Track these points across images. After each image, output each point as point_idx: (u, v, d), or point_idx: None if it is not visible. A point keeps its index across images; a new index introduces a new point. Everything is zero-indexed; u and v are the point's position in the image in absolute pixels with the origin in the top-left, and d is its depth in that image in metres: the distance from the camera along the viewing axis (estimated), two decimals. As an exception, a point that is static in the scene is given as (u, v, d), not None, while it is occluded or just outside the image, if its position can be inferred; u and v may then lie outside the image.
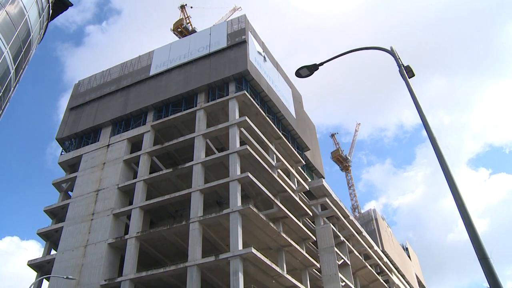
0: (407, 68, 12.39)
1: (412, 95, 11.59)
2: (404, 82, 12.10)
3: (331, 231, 54.67)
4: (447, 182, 9.56)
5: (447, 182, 9.58)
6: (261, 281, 39.83)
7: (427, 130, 10.71)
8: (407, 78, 12.10)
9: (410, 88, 11.76)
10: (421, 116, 11.08)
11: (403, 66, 12.39)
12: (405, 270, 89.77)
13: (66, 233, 46.63)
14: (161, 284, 40.75)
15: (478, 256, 8.38)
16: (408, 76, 12.21)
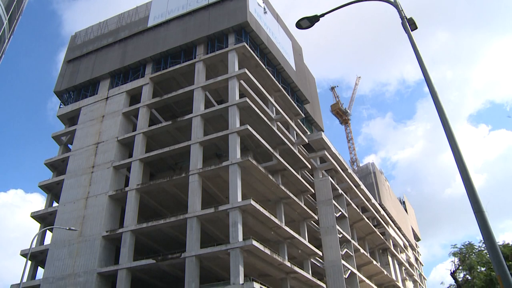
0: (410, 20, 12.14)
1: (415, 49, 11.42)
2: (407, 35, 11.89)
3: (329, 184, 55.21)
4: (447, 137, 9.57)
5: (446, 137, 9.59)
6: (260, 233, 40.46)
7: (428, 85, 10.64)
8: (410, 31, 11.88)
9: (413, 41, 11.58)
10: (422, 70, 10.96)
11: (406, 19, 12.14)
12: (401, 223, 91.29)
13: (67, 186, 47.07)
14: (161, 235, 41.44)
15: (474, 209, 8.49)
16: (411, 29, 11.98)
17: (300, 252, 45.71)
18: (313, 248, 46.24)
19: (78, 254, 41.73)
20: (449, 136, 9.52)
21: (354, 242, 57.96)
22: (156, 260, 37.87)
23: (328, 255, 51.26)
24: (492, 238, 8.00)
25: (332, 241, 51.94)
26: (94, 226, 42.48)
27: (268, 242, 40.68)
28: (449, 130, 9.61)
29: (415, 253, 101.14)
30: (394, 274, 72.79)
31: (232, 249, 35.15)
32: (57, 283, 41.27)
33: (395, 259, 76.84)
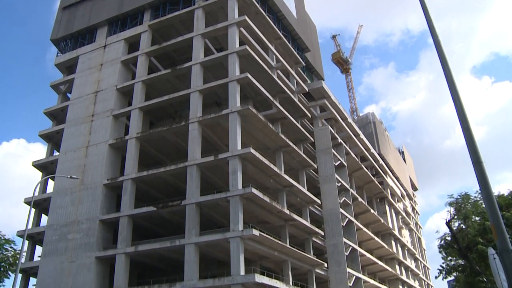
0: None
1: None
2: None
3: (329, 133, 55.33)
4: (449, 88, 9.47)
5: (449, 88, 9.49)
6: (259, 180, 40.87)
7: (432, 35, 10.43)
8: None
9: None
10: (427, 19, 10.70)
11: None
12: (399, 173, 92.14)
13: (67, 135, 47.16)
14: (162, 183, 41.90)
15: (473, 160, 8.50)
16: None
17: (299, 200, 46.41)
18: (312, 196, 46.89)
19: (80, 202, 42.36)
20: (451, 87, 9.45)
21: (352, 191, 58.72)
22: (157, 208, 38.47)
23: (327, 203, 52.06)
24: (488, 189, 8.07)
25: (330, 190, 52.61)
26: (95, 174, 42.88)
27: (268, 190, 41.19)
28: (451, 81, 9.53)
29: (412, 202, 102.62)
30: (391, 222, 74.15)
31: (231, 196, 35.64)
32: (61, 230, 42.13)
33: (392, 208, 78.08)
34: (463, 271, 28.95)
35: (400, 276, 70.47)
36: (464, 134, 8.84)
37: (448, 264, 30.20)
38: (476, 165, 8.36)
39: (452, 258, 30.10)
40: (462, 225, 28.59)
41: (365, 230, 59.00)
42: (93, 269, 38.90)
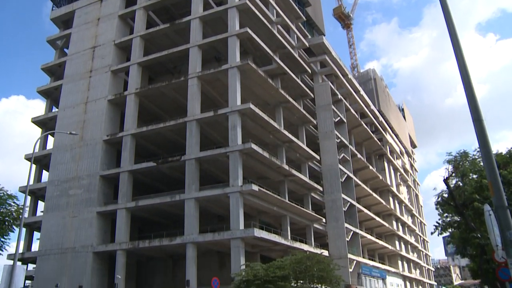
0: None
1: None
2: None
3: (329, 89, 55.01)
4: (452, 45, 9.32)
5: (452, 45, 9.33)
6: (259, 136, 40.93)
7: None
8: None
9: None
10: None
11: None
12: (399, 130, 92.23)
13: (65, 91, 46.86)
14: (161, 138, 41.95)
15: (473, 117, 8.44)
16: None
17: (298, 156, 46.63)
18: (311, 152, 47.09)
19: (81, 158, 42.58)
20: (454, 44, 9.31)
21: (352, 147, 58.94)
22: (157, 163, 38.71)
23: (326, 159, 52.36)
24: (487, 146, 8.08)
25: (329, 146, 52.81)
26: (94, 130, 42.90)
27: (267, 145, 41.32)
28: (455, 38, 9.37)
29: (410, 159, 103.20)
30: (389, 179, 74.84)
31: (231, 152, 35.81)
32: (62, 186, 42.56)
33: (391, 165, 78.60)
34: (459, 227, 29.32)
35: (397, 231, 71.73)
36: (466, 92, 8.77)
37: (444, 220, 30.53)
38: (476, 123, 8.34)
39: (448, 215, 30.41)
40: (460, 183, 28.75)
41: (363, 186, 59.60)
42: (94, 224, 39.56)
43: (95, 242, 39.01)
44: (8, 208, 19.54)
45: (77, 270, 38.58)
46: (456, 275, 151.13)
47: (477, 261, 28.21)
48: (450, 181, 27.91)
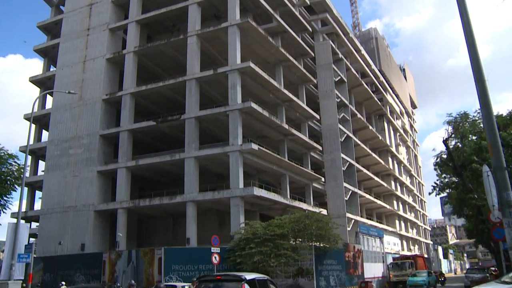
0: None
1: None
2: None
3: (329, 48, 54.35)
4: (457, 2, 9.04)
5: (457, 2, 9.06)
6: (259, 95, 40.72)
7: None
8: None
9: None
10: None
11: None
12: (399, 90, 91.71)
13: (63, 49, 46.29)
14: (161, 97, 41.75)
15: (475, 78, 8.33)
16: None
17: (298, 115, 46.55)
18: (311, 111, 46.98)
19: (80, 117, 42.51)
20: (459, 2, 9.07)
21: (352, 107, 58.74)
22: (156, 122, 38.70)
23: (325, 118, 52.30)
24: (488, 107, 8.03)
25: (329, 105, 52.64)
26: (93, 89, 42.64)
27: (267, 104, 41.15)
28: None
29: (410, 120, 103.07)
30: (389, 139, 74.96)
31: (231, 110, 35.76)
32: (62, 145, 42.67)
33: (391, 125, 78.57)
34: (456, 188, 29.69)
35: (395, 191, 72.45)
36: (469, 52, 8.64)
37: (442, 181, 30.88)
38: (479, 83, 8.27)
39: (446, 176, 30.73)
40: (459, 144, 28.90)
41: (362, 146, 59.76)
42: (95, 183, 39.90)
43: (96, 201, 39.45)
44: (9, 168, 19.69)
45: (79, 228, 39.20)
46: (452, 234, 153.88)
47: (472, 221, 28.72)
48: (449, 142, 28.04)
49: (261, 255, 25.98)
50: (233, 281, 11.49)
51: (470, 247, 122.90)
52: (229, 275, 12.78)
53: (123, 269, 28.42)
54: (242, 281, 11.18)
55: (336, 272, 31.12)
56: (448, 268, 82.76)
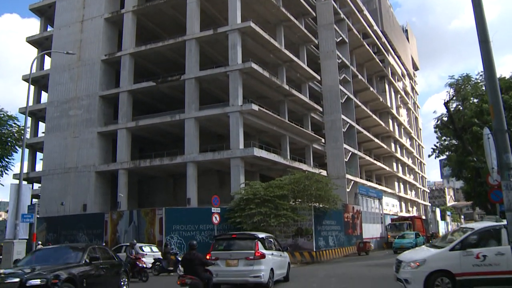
0: None
1: None
2: None
3: (331, 7, 53.44)
4: None
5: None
6: (259, 55, 40.32)
7: None
8: None
9: None
10: None
11: None
12: (401, 52, 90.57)
13: (60, 9, 45.45)
14: (160, 58, 41.29)
15: (480, 38, 8.17)
16: None
17: (298, 76, 46.22)
18: (312, 72, 46.62)
19: (79, 78, 42.22)
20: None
21: (353, 68, 58.24)
22: (156, 83, 38.47)
23: (326, 79, 51.96)
24: (492, 69, 7.93)
25: (330, 66, 52.21)
26: (92, 50, 42.15)
27: (267, 65, 40.83)
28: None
29: (412, 82, 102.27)
30: (389, 101, 74.60)
31: (231, 71, 35.53)
32: (62, 107, 42.55)
33: (392, 87, 78.05)
34: (456, 150, 29.74)
35: (395, 153, 72.69)
36: (474, 11, 8.45)
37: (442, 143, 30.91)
38: (483, 44, 8.12)
39: (447, 138, 30.74)
40: (460, 107, 28.76)
41: (363, 107, 59.58)
42: (96, 144, 40.00)
43: (97, 162, 39.65)
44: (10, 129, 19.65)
45: (81, 189, 39.57)
46: (450, 196, 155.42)
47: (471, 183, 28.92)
48: (450, 104, 27.88)
49: (261, 216, 26.30)
50: (247, 239, 14.02)
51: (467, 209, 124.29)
52: (244, 234, 15.63)
53: (124, 229, 28.85)
54: (256, 239, 13.69)
55: (335, 233, 31.61)
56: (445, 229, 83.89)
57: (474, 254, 10.30)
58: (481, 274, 10.22)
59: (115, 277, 12.47)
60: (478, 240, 10.83)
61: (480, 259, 10.23)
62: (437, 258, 10.65)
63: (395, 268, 11.36)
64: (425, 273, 10.31)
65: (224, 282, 13.64)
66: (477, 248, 10.45)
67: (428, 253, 11.12)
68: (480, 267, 10.21)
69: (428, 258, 10.69)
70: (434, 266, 10.44)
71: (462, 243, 10.60)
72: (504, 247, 10.14)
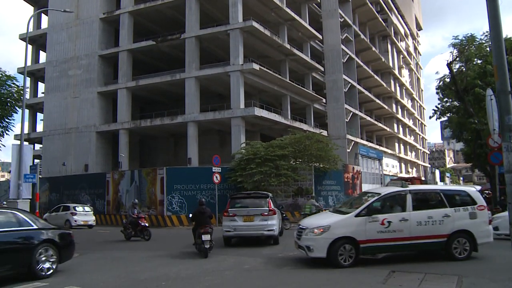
0: None
1: None
2: None
3: (334, -35, 52.18)
4: None
5: None
6: (260, 14, 39.65)
7: None
8: None
9: None
10: None
11: None
12: (405, 11, 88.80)
13: (56, -37, 44.32)
14: (160, 16, 40.56)
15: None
16: None
17: (300, 35, 45.56)
18: (313, 31, 45.99)
19: (78, 37, 41.69)
20: None
21: (355, 27, 57.32)
22: (156, 42, 38.01)
23: (328, 39, 51.30)
24: (498, 28, 7.77)
25: (332, 25, 51.45)
26: (90, 7, 41.48)
27: (268, 23, 40.24)
28: None
29: (415, 42, 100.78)
30: (392, 61, 73.74)
31: (232, 29, 35.14)
32: (61, 66, 42.21)
33: (394, 47, 77.01)
34: (457, 112, 29.56)
35: (396, 114, 72.51)
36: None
37: (443, 105, 30.68)
38: (489, 2, 7.92)
39: (448, 100, 30.51)
40: (463, 68, 28.39)
41: (365, 67, 59.02)
42: (96, 104, 39.91)
43: (98, 122, 39.65)
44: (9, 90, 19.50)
45: (82, 149, 39.74)
46: (450, 158, 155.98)
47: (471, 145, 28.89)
48: (453, 65, 27.53)
49: (262, 175, 26.46)
50: (261, 198, 15.60)
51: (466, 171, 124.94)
52: (258, 193, 16.85)
53: (126, 189, 29.06)
54: (268, 197, 15.50)
55: (335, 193, 31.85)
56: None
57: (379, 220, 9.99)
58: (384, 240, 9.98)
59: (21, 252, 9.33)
60: (384, 205, 10.56)
61: (385, 225, 9.95)
62: (342, 224, 10.10)
63: (296, 235, 10.73)
64: (329, 240, 9.79)
65: (242, 236, 15.05)
66: (382, 214, 10.15)
67: (333, 219, 10.45)
68: (384, 234, 9.95)
69: (333, 224, 10.07)
70: (338, 232, 9.90)
71: (368, 208, 10.18)
72: (408, 213, 10.17)
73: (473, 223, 10.45)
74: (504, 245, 10.78)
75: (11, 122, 19.70)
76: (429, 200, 11.10)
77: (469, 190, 11.17)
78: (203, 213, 12.98)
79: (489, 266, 9.91)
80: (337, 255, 9.77)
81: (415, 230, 10.09)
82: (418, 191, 11.35)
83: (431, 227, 10.18)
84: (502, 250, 11.01)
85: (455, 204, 10.62)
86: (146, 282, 8.91)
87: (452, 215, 10.36)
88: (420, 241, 10.18)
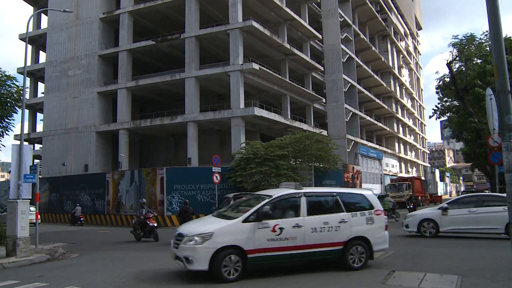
0: None
1: None
2: None
3: (334, -36, 52.21)
4: None
5: None
6: (260, 13, 39.65)
7: None
8: None
9: None
10: None
11: None
12: (405, 10, 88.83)
13: (56, -37, 44.32)
14: (160, 16, 40.54)
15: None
16: None
17: (299, 35, 45.55)
18: (313, 31, 45.98)
19: (77, 37, 41.66)
20: None
21: (355, 26, 57.35)
22: (156, 41, 37.98)
23: (328, 38, 51.32)
24: (498, 28, 7.76)
25: (332, 25, 51.46)
26: (89, 8, 41.43)
27: (268, 23, 40.26)
28: None
29: (414, 42, 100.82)
30: (391, 61, 73.77)
31: (231, 29, 35.11)
32: (61, 66, 42.18)
33: (394, 47, 77.04)
34: (457, 112, 29.64)
35: (396, 114, 72.53)
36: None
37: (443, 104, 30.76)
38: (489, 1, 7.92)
39: (448, 99, 30.57)
40: (463, 67, 28.46)
41: (365, 67, 59.03)
42: (96, 104, 39.89)
43: (98, 122, 39.64)
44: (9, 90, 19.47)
45: (82, 150, 39.73)
46: (450, 158, 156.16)
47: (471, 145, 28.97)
48: (453, 65, 27.58)
49: (262, 175, 26.49)
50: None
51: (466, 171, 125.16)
52: (259, 193, 16.15)
53: (126, 189, 29.07)
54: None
55: (334, 192, 31.89)
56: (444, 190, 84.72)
57: (270, 226, 8.83)
58: (276, 250, 8.84)
59: None
60: (275, 209, 9.30)
61: (276, 232, 8.82)
62: (227, 231, 8.73)
63: (174, 244, 9.16)
64: (212, 250, 8.41)
65: None
66: (274, 220, 8.97)
67: (216, 225, 8.96)
68: (276, 242, 8.82)
69: (216, 231, 8.64)
70: (222, 241, 8.53)
71: (258, 213, 8.92)
72: (302, 218, 9.23)
73: (370, 229, 9.81)
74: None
75: (11, 122, 19.64)
76: (325, 203, 10.09)
77: (366, 193, 10.57)
78: (186, 211, 16.71)
79: (489, 266, 9.89)
80: (221, 267, 8.46)
81: (309, 237, 9.14)
82: (313, 193, 10.31)
83: (327, 234, 9.31)
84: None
85: (352, 209, 9.87)
86: (146, 282, 8.90)
87: (349, 220, 9.59)
88: (315, 249, 9.20)
